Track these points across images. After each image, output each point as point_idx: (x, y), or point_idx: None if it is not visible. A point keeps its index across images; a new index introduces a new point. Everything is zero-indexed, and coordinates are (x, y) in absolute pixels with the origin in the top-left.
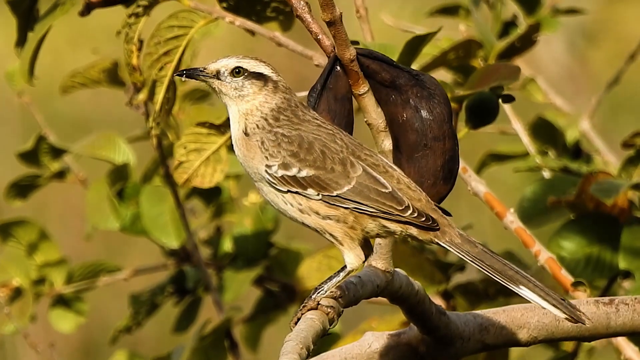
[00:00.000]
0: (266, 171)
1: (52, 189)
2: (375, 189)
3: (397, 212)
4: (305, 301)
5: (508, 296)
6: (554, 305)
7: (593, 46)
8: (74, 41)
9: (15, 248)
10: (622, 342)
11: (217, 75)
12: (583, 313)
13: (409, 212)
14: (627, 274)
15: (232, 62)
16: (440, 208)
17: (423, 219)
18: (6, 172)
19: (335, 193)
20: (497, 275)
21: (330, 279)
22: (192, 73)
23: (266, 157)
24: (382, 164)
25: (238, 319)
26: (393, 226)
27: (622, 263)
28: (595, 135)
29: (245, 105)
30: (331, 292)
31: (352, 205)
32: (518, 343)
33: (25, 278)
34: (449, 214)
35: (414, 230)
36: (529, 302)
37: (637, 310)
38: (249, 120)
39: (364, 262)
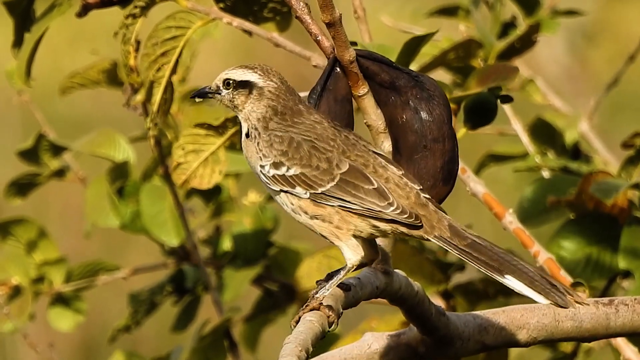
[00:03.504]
0: (261, 171)
1: (51, 187)
2: (359, 185)
3: (379, 209)
4: (308, 301)
5: (508, 296)
6: (538, 292)
7: (593, 46)
8: (74, 41)
9: (14, 247)
10: (621, 343)
11: (218, 90)
12: (574, 296)
13: (392, 208)
14: (626, 274)
15: (223, 75)
16: (432, 202)
17: (406, 215)
18: (6, 170)
19: (320, 190)
20: (483, 266)
21: (331, 277)
22: (201, 93)
23: (260, 158)
24: (373, 164)
25: (237, 318)
26: (382, 225)
27: (622, 263)
28: (594, 137)
29: (241, 114)
30: (333, 291)
31: (336, 202)
32: (517, 344)
33: (24, 277)
34: (442, 210)
35: (403, 228)
36: (528, 302)
37: (637, 310)
38: (249, 125)
39: (371, 262)
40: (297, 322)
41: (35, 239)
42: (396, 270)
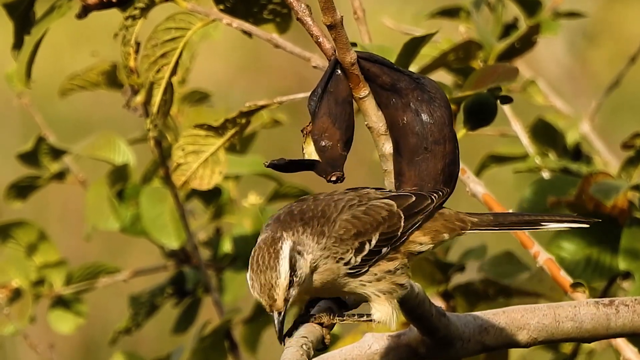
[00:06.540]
0: (348, 270)
1: (51, 190)
2: (411, 204)
3: (430, 207)
4: (322, 314)
5: (508, 297)
6: (572, 221)
7: (594, 46)
8: (75, 42)
9: (14, 249)
10: (621, 343)
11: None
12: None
13: (431, 201)
14: (626, 275)
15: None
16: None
17: (443, 198)
18: (6, 173)
19: (399, 233)
20: (520, 226)
21: (343, 304)
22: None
23: (338, 260)
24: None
25: (238, 320)
26: (442, 229)
27: (622, 264)
28: (595, 138)
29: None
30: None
31: (415, 227)
32: (518, 344)
33: (24, 279)
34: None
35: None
36: (529, 303)
37: (637, 311)
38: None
39: None
40: (296, 328)
41: (36, 241)
42: None
